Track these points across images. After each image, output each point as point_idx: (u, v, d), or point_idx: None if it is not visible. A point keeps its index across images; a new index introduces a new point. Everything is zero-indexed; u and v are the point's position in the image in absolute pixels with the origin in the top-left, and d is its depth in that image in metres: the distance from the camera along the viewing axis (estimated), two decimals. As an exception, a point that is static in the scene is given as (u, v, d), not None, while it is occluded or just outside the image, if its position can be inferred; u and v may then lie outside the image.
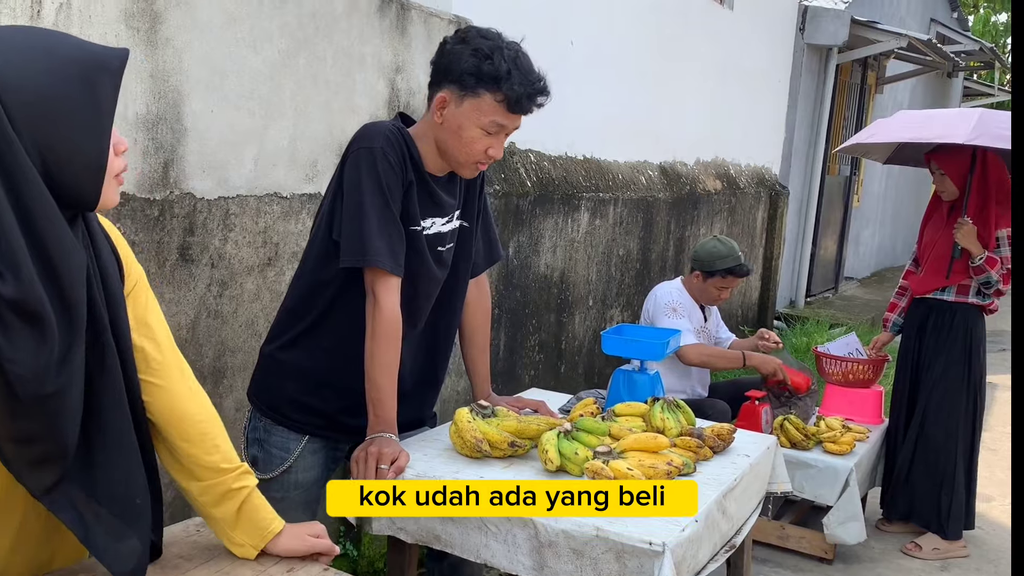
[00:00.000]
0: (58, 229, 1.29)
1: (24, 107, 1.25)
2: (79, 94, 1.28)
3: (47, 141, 1.27)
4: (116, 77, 1.33)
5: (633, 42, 5.44)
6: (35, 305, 1.24)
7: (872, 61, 9.94)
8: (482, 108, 2.10)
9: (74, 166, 1.30)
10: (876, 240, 12.18)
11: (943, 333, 4.10)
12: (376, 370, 2.12)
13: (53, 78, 1.27)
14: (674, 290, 4.16)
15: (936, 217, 4.20)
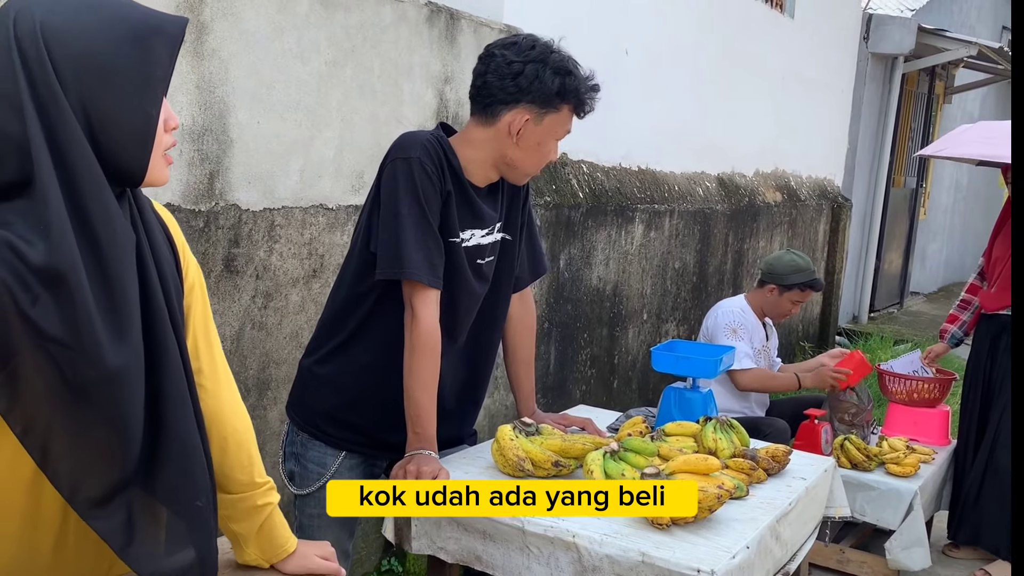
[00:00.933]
0: (103, 195, 1.21)
1: (71, 61, 1.18)
2: (129, 54, 1.21)
3: (93, 100, 1.20)
4: (171, 43, 1.26)
5: (690, 51, 5.34)
6: (63, 268, 1.15)
7: (940, 70, 9.67)
8: (561, 120, 2.13)
9: (120, 130, 1.22)
10: (943, 254, 11.83)
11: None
12: (415, 385, 2.07)
13: (102, 33, 1.20)
14: (736, 309, 4.06)
15: (1006, 230, 4.03)
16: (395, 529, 2.12)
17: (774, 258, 4.15)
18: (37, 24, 1.17)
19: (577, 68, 2.10)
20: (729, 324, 3.99)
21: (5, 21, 1.18)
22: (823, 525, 2.41)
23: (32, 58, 1.16)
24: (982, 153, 4.01)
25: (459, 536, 2.02)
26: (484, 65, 2.11)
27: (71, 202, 1.18)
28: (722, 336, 3.95)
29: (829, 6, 7.28)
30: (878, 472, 3.76)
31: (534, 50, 2.07)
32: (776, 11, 6.44)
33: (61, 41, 1.18)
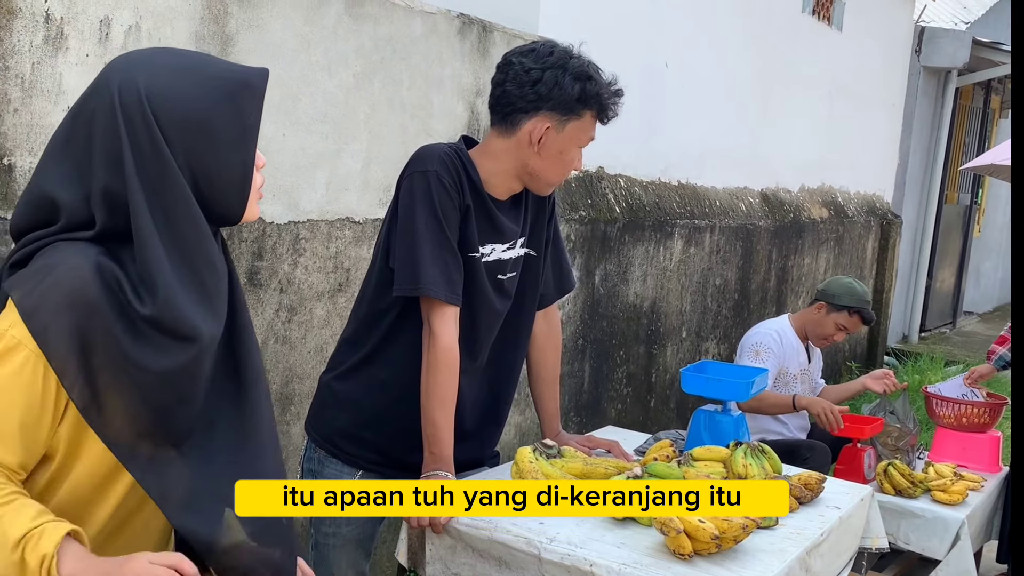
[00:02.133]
0: (207, 246, 1.33)
1: (176, 125, 1.28)
2: (225, 111, 1.31)
3: (198, 158, 1.30)
4: (258, 95, 1.36)
5: (733, 63, 5.24)
6: (172, 324, 1.28)
7: (996, 84, 9.43)
8: (584, 127, 2.07)
9: (222, 181, 1.33)
10: (999, 272, 11.51)
11: None
12: (432, 404, 2.01)
13: (202, 97, 1.30)
14: (772, 331, 3.92)
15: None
16: (409, 553, 2.06)
17: (833, 279, 4.06)
18: (142, 92, 1.27)
19: (598, 73, 2.05)
20: (754, 345, 3.87)
21: (109, 88, 1.28)
22: (859, 557, 2.29)
23: (138, 123, 1.26)
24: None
25: (474, 562, 1.95)
26: (502, 74, 2.06)
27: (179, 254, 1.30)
28: (745, 356, 3.85)
29: (879, 19, 7.13)
30: (924, 499, 3.61)
31: (552, 56, 2.01)
32: (824, 23, 6.31)
33: (165, 107, 1.28)
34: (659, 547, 1.84)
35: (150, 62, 1.33)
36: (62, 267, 1.26)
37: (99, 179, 1.28)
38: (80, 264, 1.26)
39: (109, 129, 1.27)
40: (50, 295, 1.25)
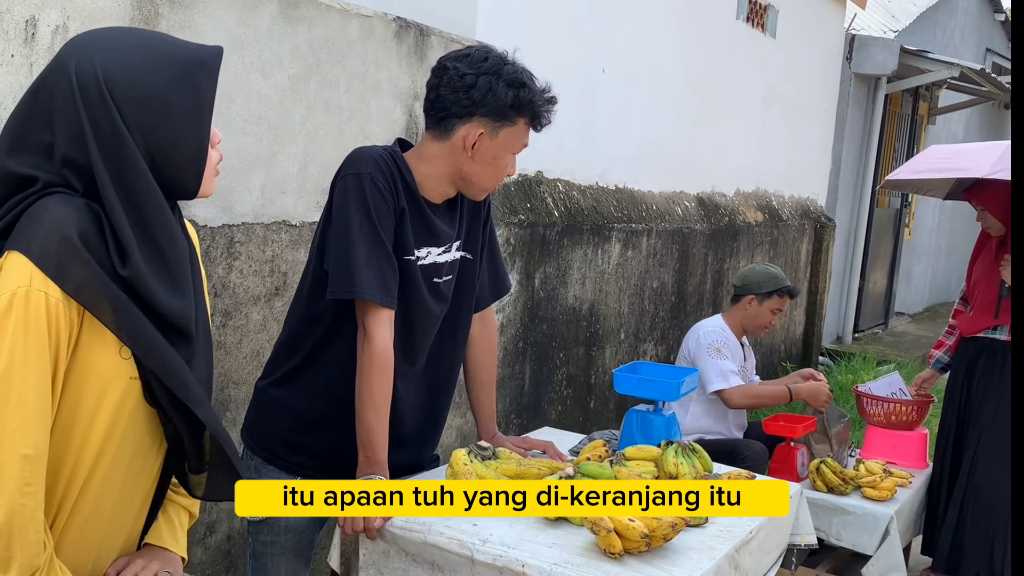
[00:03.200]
0: (165, 218, 1.39)
1: (132, 102, 1.34)
2: (181, 89, 1.36)
3: (154, 134, 1.36)
4: (213, 72, 1.41)
5: (670, 70, 5.32)
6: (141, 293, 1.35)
7: (924, 91, 9.69)
8: (517, 134, 2.08)
9: (178, 157, 1.38)
10: (929, 274, 11.82)
11: (994, 374, 3.89)
12: (366, 408, 2.01)
13: (157, 75, 1.35)
14: (717, 328, 4.03)
15: (984, 253, 4.00)
16: (342, 559, 2.05)
17: (746, 271, 4.13)
18: (98, 71, 1.33)
19: (532, 80, 2.06)
20: (712, 344, 3.94)
21: (66, 68, 1.34)
22: (789, 553, 2.34)
23: (96, 101, 1.32)
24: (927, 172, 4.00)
25: (407, 567, 1.96)
26: (437, 78, 2.06)
27: (139, 226, 1.36)
28: (706, 356, 3.91)
29: (811, 26, 7.28)
30: (854, 496, 3.71)
31: (487, 62, 2.02)
32: (757, 30, 6.43)
33: (122, 84, 1.33)
34: (590, 546, 1.86)
35: (107, 41, 1.37)
36: (52, 211, 1.31)
37: (64, 151, 1.33)
38: (68, 209, 1.32)
39: (68, 107, 1.33)
40: (52, 234, 1.29)
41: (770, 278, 4.03)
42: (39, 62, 2.18)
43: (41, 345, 1.30)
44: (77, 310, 1.33)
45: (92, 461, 1.41)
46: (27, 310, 1.28)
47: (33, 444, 1.30)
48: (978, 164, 3.70)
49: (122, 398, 1.40)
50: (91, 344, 1.36)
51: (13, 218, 1.35)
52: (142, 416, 1.44)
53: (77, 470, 1.42)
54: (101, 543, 1.51)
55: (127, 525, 1.54)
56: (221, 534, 2.84)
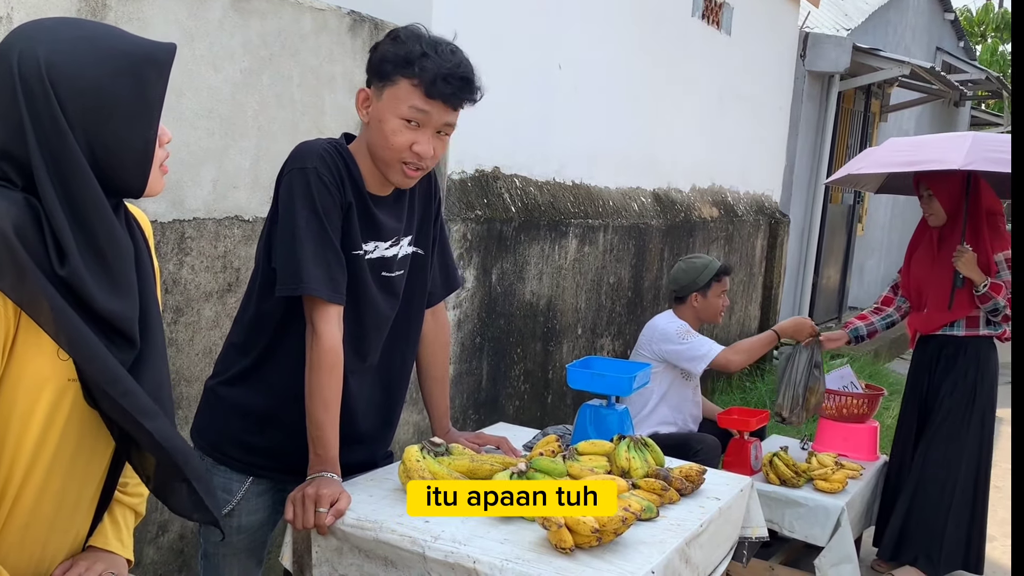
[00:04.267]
0: (105, 217, 1.33)
1: (76, 98, 1.29)
2: (128, 86, 1.32)
3: (97, 131, 1.31)
4: (164, 70, 1.36)
5: (625, 66, 5.34)
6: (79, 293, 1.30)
7: (876, 89, 9.84)
8: (399, 95, 1.97)
9: (122, 156, 1.34)
10: (881, 269, 12.02)
11: (953, 369, 3.96)
12: (316, 405, 1.99)
13: (103, 70, 1.30)
14: (675, 319, 4.07)
15: (924, 247, 4.06)
16: (294, 557, 2.03)
17: (676, 274, 4.18)
18: (42, 63, 1.28)
19: (433, 48, 1.97)
20: (677, 330, 4.00)
21: (8, 58, 1.29)
22: (740, 546, 2.37)
23: (38, 94, 1.28)
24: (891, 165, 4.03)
25: (361, 563, 1.95)
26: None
27: (78, 224, 1.31)
28: (679, 342, 3.96)
29: (766, 24, 7.36)
30: (806, 488, 3.76)
31: (398, 36, 2.00)
32: (713, 27, 6.48)
33: (66, 78, 1.28)
34: (541, 542, 1.87)
35: (52, 32, 1.32)
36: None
37: (2, 143, 1.29)
38: (4, 204, 1.26)
39: (8, 99, 1.28)
40: None
41: (702, 270, 4.07)
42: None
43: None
44: (14, 309, 1.29)
45: (27, 464, 1.37)
46: None
47: None
48: (949, 156, 3.71)
49: (58, 400, 1.36)
50: (27, 344, 1.32)
51: None
52: (83, 418, 1.40)
53: (13, 473, 1.38)
54: (44, 546, 1.48)
55: (73, 527, 1.51)
56: (173, 533, 2.81)
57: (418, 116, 1.97)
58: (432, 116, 1.98)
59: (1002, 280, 3.82)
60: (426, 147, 2.00)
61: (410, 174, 2.03)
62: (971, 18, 19.39)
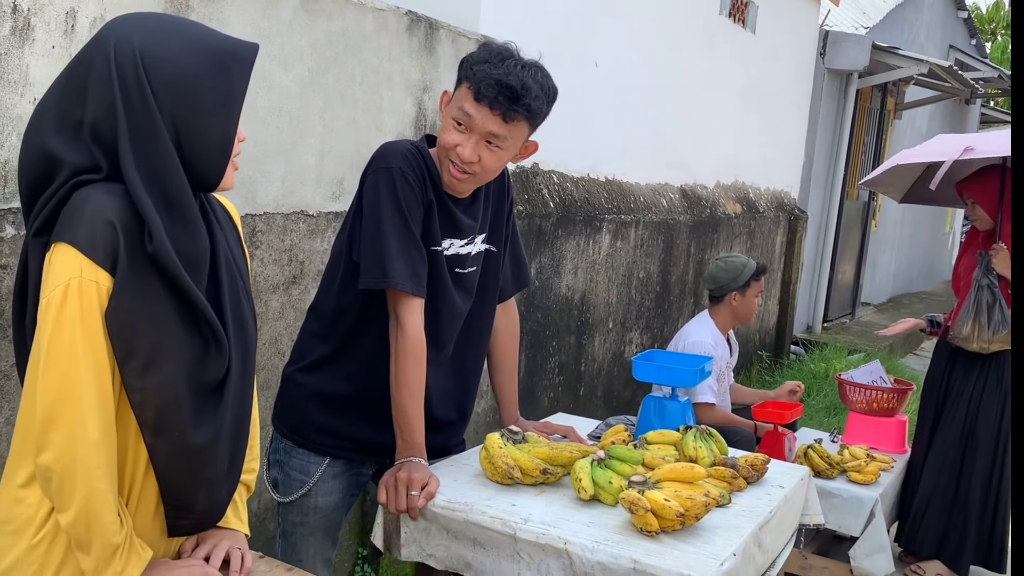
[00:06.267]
0: (188, 200, 1.41)
1: (166, 84, 1.37)
2: (214, 77, 1.40)
3: (183, 117, 1.39)
4: (247, 67, 1.46)
5: (655, 63, 5.42)
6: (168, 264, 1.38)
7: (891, 87, 9.91)
8: (458, 98, 2.07)
9: (203, 144, 1.41)
10: (893, 266, 12.10)
11: (975, 363, 4.04)
12: (402, 393, 2.08)
13: (192, 60, 1.39)
14: (707, 341, 4.08)
15: (972, 247, 4.15)
16: (384, 536, 2.13)
17: (715, 272, 4.20)
18: (136, 50, 1.37)
19: (501, 60, 2.03)
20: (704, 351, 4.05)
21: (105, 44, 1.38)
22: (797, 533, 2.46)
23: (131, 78, 1.36)
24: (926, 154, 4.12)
25: (448, 543, 2.04)
26: None
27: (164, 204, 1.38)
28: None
29: (788, 22, 7.43)
30: (840, 480, 3.84)
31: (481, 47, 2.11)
32: (738, 25, 6.56)
33: (158, 66, 1.37)
34: (626, 525, 1.96)
35: (147, 24, 1.42)
36: (93, 200, 1.35)
37: (92, 123, 1.37)
38: (108, 197, 1.35)
39: (104, 82, 1.36)
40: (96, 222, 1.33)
41: (741, 269, 4.13)
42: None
43: (96, 332, 1.35)
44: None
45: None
46: (81, 300, 1.34)
47: (99, 428, 1.36)
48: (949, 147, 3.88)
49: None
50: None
51: (52, 209, 1.39)
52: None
53: (140, 449, 1.47)
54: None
55: None
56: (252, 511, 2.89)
57: (464, 119, 2.05)
58: (477, 121, 2.04)
59: None
60: (468, 151, 2.06)
61: (455, 175, 2.10)
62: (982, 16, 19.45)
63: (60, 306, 1.33)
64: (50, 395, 1.33)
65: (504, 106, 2.01)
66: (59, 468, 1.34)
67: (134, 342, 1.37)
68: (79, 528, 1.37)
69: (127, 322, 1.36)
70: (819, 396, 6.46)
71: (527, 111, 2.04)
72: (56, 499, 1.36)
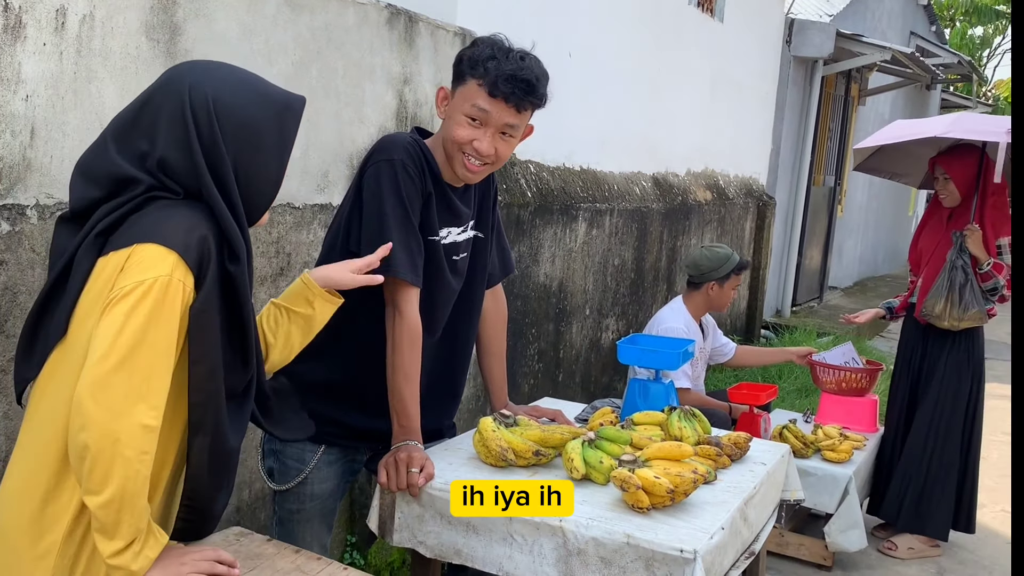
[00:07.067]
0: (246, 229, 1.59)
1: (233, 131, 1.54)
2: (272, 125, 1.58)
3: (244, 160, 1.55)
4: (297, 116, 1.63)
5: (627, 53, 5.49)
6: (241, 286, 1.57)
7: (855, 73, 10.07)
8: (467, 94, 2.13)
9: (259, 184, 1.59)
10: (858, 250, 12.31)
11: (946, 341, 4.16)
12: (399, 379, 2.14)
13: (255, 109, 1.56)
14: (680, 326, 4.19)
15: (934, 223, 4.26)
16: (379, 521, 2.18)
17: (698, 258, 4.30)
18: (210, 100, 1.53)
19: (505, 53, 2.11)
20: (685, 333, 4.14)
21: (180, 91, 1.54)
22: (779, 508, 2.55)
23: (204, 124, 1.52)
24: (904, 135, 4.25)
25: (440, 530, 2.09)
26: None
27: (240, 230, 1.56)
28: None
29: (755, 10, 7.53)
30: (815, 459, 3.95)
31: (476, 42, 2.17)
32: (707, 15, 6.64)
33: (227, 114, 1.54)
34: (617, 503, 2.03)
35: (217, 73, 1.60)
36: (187, 213, 1.50)
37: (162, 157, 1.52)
38: (198, 214, 1.51)
39: (177, 124, 1.52)
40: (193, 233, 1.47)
41: (724, 260, 4.24)
42: (68, 50, 2.24)
43: (172, 329, 1.44)
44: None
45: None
46: (166, 296, 1.43)
47: (155, 416, 1.42)
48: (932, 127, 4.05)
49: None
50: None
51: (118, 217, 1.49)
52: None
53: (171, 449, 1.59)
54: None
55: None
56: (245, 499, 2.94)
57: (480, 115, 2.13)
58: (493, 115, 2.13)
59: (1004, 262, 4.02)
60: (486, 145, 2.15)
61: (470, 167, 2.18)
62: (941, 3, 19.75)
63: (143, 296, 1.42)
64: (106, 374, 1.39)
65: (520, 98, 2.11)
66: (96, 448, 1.38)
67: (208, 346, 1.50)
68: (110, 510, 1.41)
69: (207, 326, 1.48)
70: (791, 378, 6.59)
71: (540, 100, 2.17)
72: (87, 479, 1.40)
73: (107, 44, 2.33)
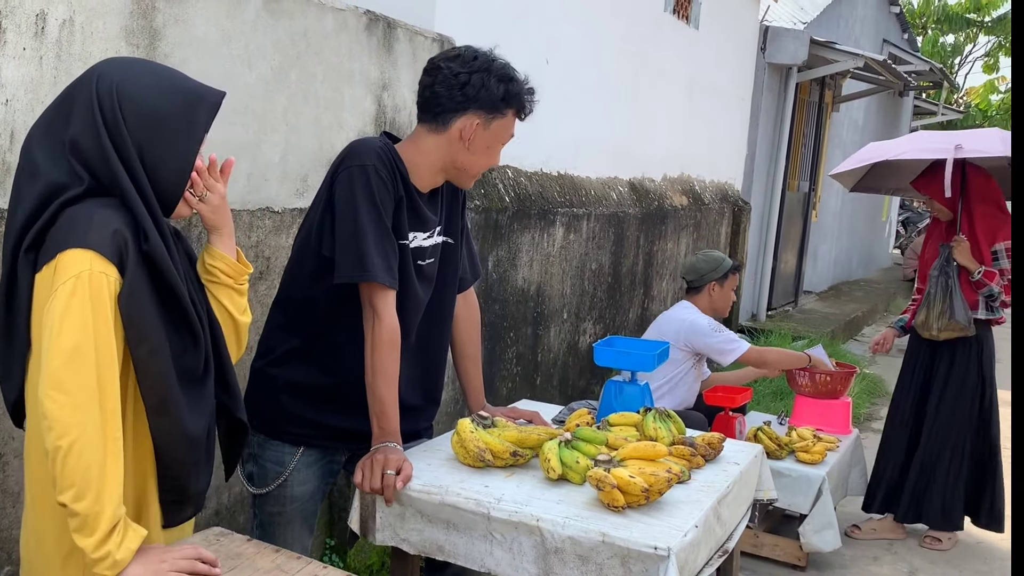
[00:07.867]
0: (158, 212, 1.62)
1: (137, 118, 1.58)
2: (178, 113, 1.61)
3: (149, 145, 1.59)
4: (211, 110, 1.68)
5: (604, 59, 5.54)
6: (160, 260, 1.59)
7: (829, 80, 10.18)
8: (506, 125, 2.28)
9: (164, 170, 1.61)
10: (833, 255, 12.43)
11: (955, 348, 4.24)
12: (378, 381, 2.16)
13: (160, 97, 1.60)
14: (698, 312, 4.31)
15: (935, 236, 4.35)
16: (360, 520, 2.20)
17: (695, 263, 4.39)
18: (114, 86, 1.59)
19: (516, 74, 2.26)
20: (709, 323, 4.26)
21: (90, 81, 1.61)
22: (752, 508, 2.59)
23: (108, 110, 1.58)
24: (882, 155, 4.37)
25: (422, 527, 2.12)
26: (431, 77, 2.23)
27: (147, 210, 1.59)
28: (713, 334, 4.20)
29: (730, 17, 7.61)
30: (788, 460, 4.01)
31: (477, 60, 2.22)
32: (683, 22, 6.71)
33: (129, 99, 1.59)
34: (593, 502, 2.07)
35: (128, 65, 1.65)
36: (96, 211, 1.55)
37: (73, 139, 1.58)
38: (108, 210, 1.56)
39: (86, 107, 1.58)
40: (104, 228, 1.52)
41: (720, 262, 4.36)
42: (48, 55, 2.25)
43: (107, 317, 1.50)
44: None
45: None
46: (91, 287, 1.48)
47: (113, 401, 1.50)
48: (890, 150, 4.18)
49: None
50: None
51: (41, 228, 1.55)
52: None
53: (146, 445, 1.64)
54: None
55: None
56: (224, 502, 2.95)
57: (512, 137, 2.35)
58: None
59: (999, 268, 4.09)
60: (499, 158, 2.38)
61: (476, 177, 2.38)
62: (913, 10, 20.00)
63: (71, 293, 1.47)
64: (56, 371, 1.44)
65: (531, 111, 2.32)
66: (66, 444, 1.44)
67: (145, 329, 1.53)
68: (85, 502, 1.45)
69: (138, 309, 1.52)
70: (765, 381, 6.65)
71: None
72: (60, 477, 1.45)
73: (87, 49, 2.34)
